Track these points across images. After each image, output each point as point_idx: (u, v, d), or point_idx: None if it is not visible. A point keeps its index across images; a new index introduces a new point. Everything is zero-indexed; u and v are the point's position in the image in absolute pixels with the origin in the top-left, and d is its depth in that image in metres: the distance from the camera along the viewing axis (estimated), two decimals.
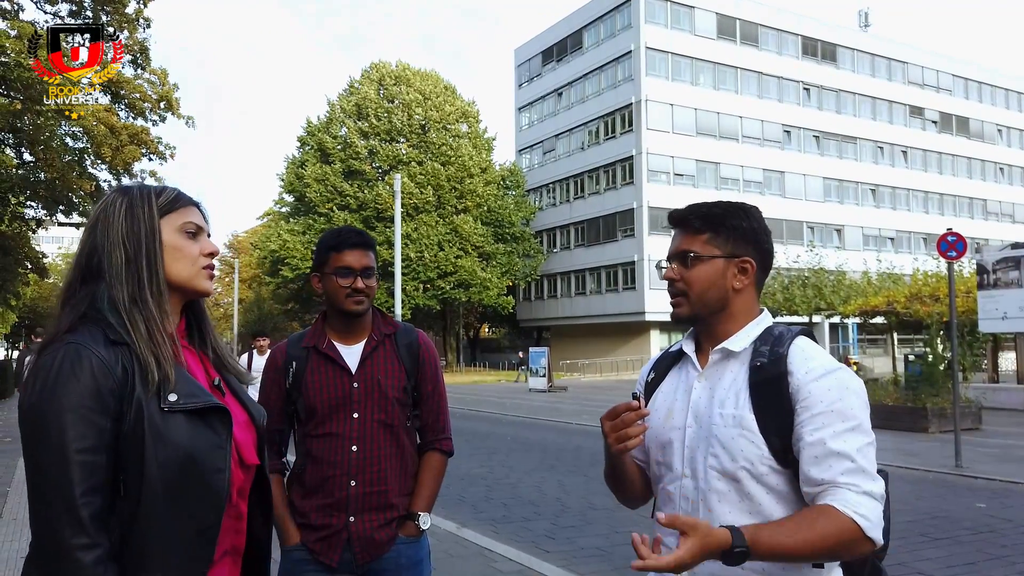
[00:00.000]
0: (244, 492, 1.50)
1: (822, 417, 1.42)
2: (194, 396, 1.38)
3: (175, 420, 1.34)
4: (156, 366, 1.34)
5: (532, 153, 52.45)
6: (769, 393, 1.46)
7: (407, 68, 46.02)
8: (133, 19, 19.54)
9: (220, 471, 1.37)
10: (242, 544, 1.50)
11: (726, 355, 1.56)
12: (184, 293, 1.49)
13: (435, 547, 5.74)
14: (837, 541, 1.35)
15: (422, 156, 43.79)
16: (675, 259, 1.59)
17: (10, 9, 17.71)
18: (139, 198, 1.46)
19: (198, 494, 1.35)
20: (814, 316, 28.58)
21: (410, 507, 2.37)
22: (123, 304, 1.37)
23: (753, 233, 1.57)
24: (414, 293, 42.11)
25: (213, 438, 1.38)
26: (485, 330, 60.37)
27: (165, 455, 1.31)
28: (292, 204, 46.74)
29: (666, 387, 1.66)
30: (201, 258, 1.49)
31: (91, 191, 19.51)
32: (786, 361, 1.47)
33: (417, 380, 2.44)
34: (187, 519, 1.33)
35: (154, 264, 1.42)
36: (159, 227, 1.44)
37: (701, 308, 1.57)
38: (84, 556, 1.23)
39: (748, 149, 46.22)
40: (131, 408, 1.32)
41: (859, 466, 1.40)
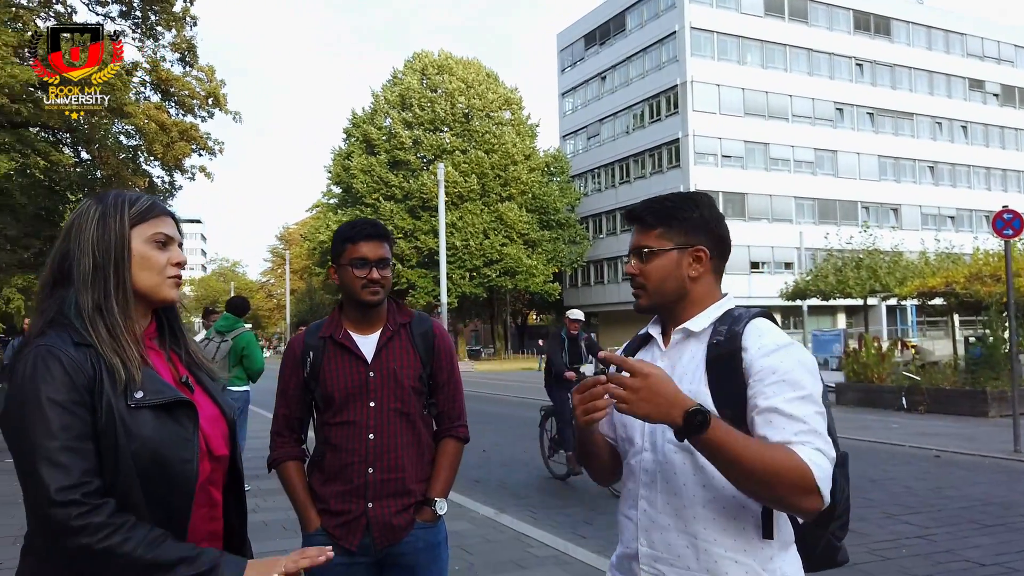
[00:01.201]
0: (216, 482, 1.57)
1: (774, 387, 1.47)
2: (159, 392, 1.45)
3: (142, 415, 1.40)
4: (122, 367, 1.41)
5: (576, 139, 52.09)
6: (724, 369, 1.53)
7: (449, 57, 46.11)
8: (180, 18, 19.99)
9: (187, 461, 1.44)
10: (219, 529, 1.58)
11: (687, 335, 1.64)
12: (150, 301, 1.55)
13: (472, 532, 5.84)
14: (785, 473, 1.37)
15: (466, 145, 43.90)
16: (633, 254, 1.68)
17: (64, 12, 18.31)
18: (112, 207, 1.51)
19: (168, 483, 1.42)
20: (869, 299, 27.75)
21: (427, 493, 2.40)
22: (86, 310, 1.44)
23: (704, 222, 1.66)
24: (460, 281, 42.35)
25: (179, 431, 1.45)
26: (533, 317, 60.42)
27: (135, 448, 1.38)
28: (340, 195, 47.41)
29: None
30: (168, 267, 1.54)
31: (145, 187, 20.10)
32: (741, 338, 1.54)
33: (432, 369, 2.46)
34: (158, 506, 1.41)
35: (121, 272, 1.48)
36: (129, 236, 1.50)
37: (659, 299, 1.65)
38: (95, 518, 1.30)
39: (799, 128, 45.10)
40: (101, 405, 1.38)
41: (812, 428, 1.44)
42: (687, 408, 1.34)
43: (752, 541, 1.51)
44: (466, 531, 5.91)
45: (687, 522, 1.53)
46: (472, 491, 7.61)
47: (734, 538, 1.51)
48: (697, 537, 1.52)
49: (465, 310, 47.54)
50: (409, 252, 42.23)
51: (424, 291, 41.78)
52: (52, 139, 18.70)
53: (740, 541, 1.51)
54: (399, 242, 42.15)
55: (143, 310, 1.54)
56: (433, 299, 39.71)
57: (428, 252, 41.09)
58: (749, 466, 1.36)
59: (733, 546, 1.51)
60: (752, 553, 1.51)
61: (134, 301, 1.50)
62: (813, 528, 1.58)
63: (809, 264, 34.94)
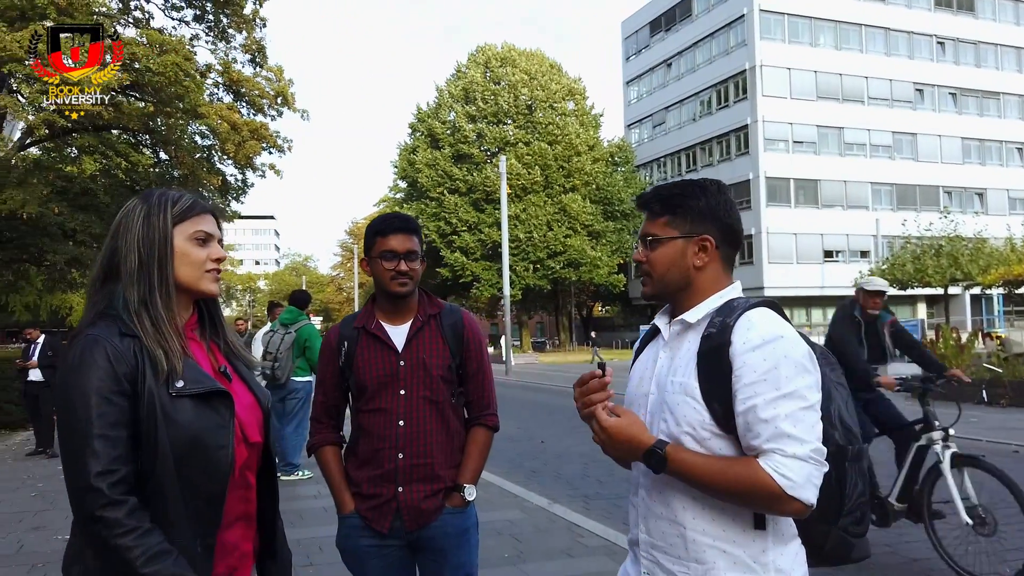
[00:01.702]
0: (251, 466, 1.66)
1: (754, 386, 1.46)
2: (198, 382, 1.54)
3: (182, 404, 1.50)
4: (164, 358, 1.50)
5: (641, 127, 51.43)
6: (712, 361, 1.52)
7: (512, 49, 46.15)
8: (250, 20, 20.63)
9: (223, 448, 1.54)
10: (252, 510, 1.68)
11: (685, 327, 1.63)
12: (192, 294, 1.64)
13: (524, 520, 5.90)
14: (749, 488, 1.42)
15: (529, 136, 43.90)
16: (641, 242, 1.69)
17: (142, 18, 19.15)
18: (156, 206, 1.60)
19: (204, 468, 1.51)
20: (950, 287, 26.57)
21: (456, 479, 2.46)
22: (133, 304, 1.53)
23: (711, 210, 1.64)
24: (524, 273, 42.45)
25: (216, 419, 1.54)
26: (598, 309, 60.09)
27: (174, 434, 1.48)
28: (405, 190, 48.14)
29: (643, 357, 1.75)
30: (208, 263, 1.62)
31: (219, 185, 20.88)
32: (731, 331, 1.52)
33: (462, 359, 2.53)
34: (196, 489, 1.50)
35: (165, 268, 1.57)
36: (172, 234, 1.59)
37: (663, 287, 1.66)
38: (112, 514, 1.39)
39: (875, 111, 43.40)
40: (144, 393, 1.48)
41: (783, 431, 1.43)
42: (643, 450, 1.48)
43: (742, 532, 1.50)
44: (518, 520, 5.98)
45: (676, 511, 1.55)
46: (527, 481, 7.68)
47: (723, 528, 1.51)
48: (686, 527, 1.53)
49: (529, 302, 47.65)
50: (473, 245, 42.56)
51: (488, 283, 42.06)
52: (132, 141, 19.62)
53: (730, 532, 1.51)
54: (463, 235, 42.53)
55: (185, 303, 1.63)
56: (497, 291, 39.98)
57: (492, 244, 41.33)
58: (715, 488, 1.45)
59: (722, 536, 1.51)
60: (742, 544, 1.50)
61: (176, 295, 1.59)
62: (818, 524, 1.55)
63: (886, 252, 33.66)
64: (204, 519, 1.52)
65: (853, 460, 1.51)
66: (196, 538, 1.51)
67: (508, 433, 11.37)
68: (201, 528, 1.52)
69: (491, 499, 6.70)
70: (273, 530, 1.75)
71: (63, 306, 30.11)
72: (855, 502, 1.55)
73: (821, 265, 41.78)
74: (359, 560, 2.43)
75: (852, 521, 1.57)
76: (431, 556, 2.44)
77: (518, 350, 43.19)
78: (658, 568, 1.57)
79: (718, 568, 1.49)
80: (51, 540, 5.56)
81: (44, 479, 8.10)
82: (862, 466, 1.56)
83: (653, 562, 1.58)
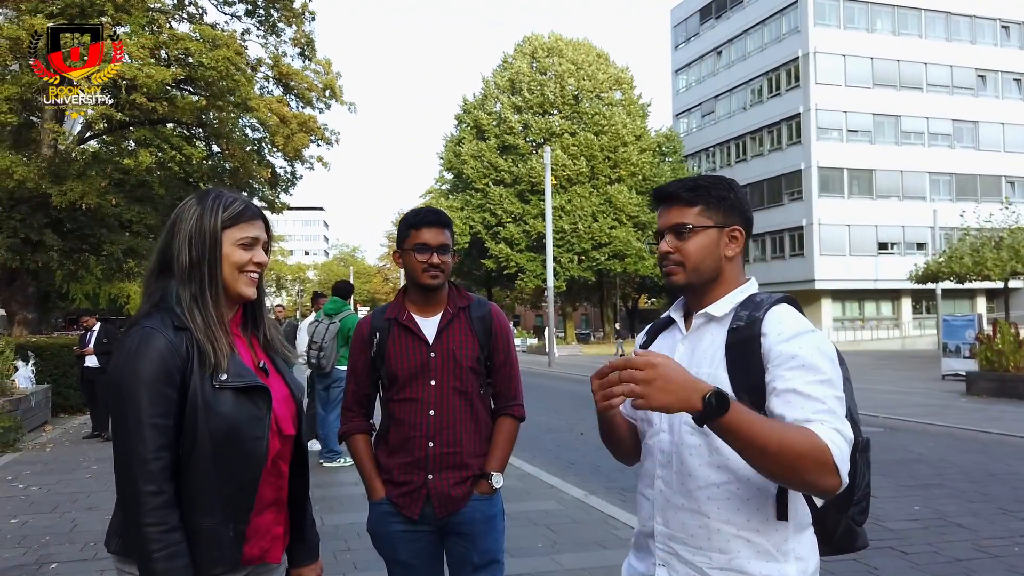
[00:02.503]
0: (284, 456, 1.76)
1: (793, 371, 1.47)
2: (240, 376, 1.64)
3: (224, 396, 1.61)
4: (212, 353, 1.61)
5: (690, 117, 50.68)
6: (743, 353, 1.53)
7: (559, 39, 45.87)
8: (300, 13, 20.95)
9: (259, 439, 1.64)
10: (283, 496, 1.79)
11: (708, 319, 1.65)
12: (228, 294, 1.73)
13: (560, 511, 5.93)
14: (805, 453, 1.35)
15: (575, 127, 43.65)
16: (669, 232, 1.67)
17: (195, 13, 19.61)
18: (209, 209, 1.69)
19: (240, 456, 1.62)
20: (1011, 281, 25.56)
21: (484, 467, 2.52)
22: (185, 301, 1.64)
23: (739, 203, 1.67)
24: (569, 265, 42.31)
25: (254, 411, 1.64)
26: (644, 300, 59.59)
27: (214, 424, 1.59)
28: (451, 181, 48.36)
29: (655, 349, 1.75)
30: (248, 266, 1.71)
31: (268, 177, 21.31)
32: (761, 324, 1.54)
33: (490, 350, 2.58)
34: (231, 476, 1.61)
35: (214, 269, 1.67)
36: (221, 238, 1.68)
37: (696, 277, 1.65)
38: (152, 500, 1.51)
39: (934, 98, 41.94)
40: (190, 383, 1.59)
41: (830, 408, 1.43)
42: (704, 392, 1.32)
43: (766, 522, 1.52)
44: (554, 510, 6.01)
45: (700, 502, 1.55)
46: (564, 472, 7.70)
47: (747, 518, 1.52)
48: (710, 517, 1.54)
49: (574, 294, 47.49)
50: (518, 236, 42.57)
51: (533, 275, 42.04)
52: (186, 134, 20.14)
53: (754, 521, 1.52)
54: (508, 226, 42.57)
55: (232, 301, 1.73)
56: (541, 283, 39.94)
57: (537, 236, 41.26)
58: (768, 446, 1.34)
59: (746, 526, 1.52)
60: (765, 534, 1.52)
61: (223, 294, 1.69)
62: (832, 512, 1.57)
63: (943, 244, 32.59)
64: (238, 505, 1.62)
65: (861, 451, 1.53)
66: (229, 523, 1.61)
67: (548, 424, 11.39)
68: (234, 514, 1.62)
69: (528, 489, 6.74)
70: (303, 515, 1.86)
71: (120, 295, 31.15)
72: (862, 491, 1.58)
73: (875, 258, 40.66)
74: (390, 544, 2.49)
75: (859, 510, 1.60)
76: (459, 541, 2.50)
77: (562, 341, 43.13)
78: (675, 559, 1.58)
79: (741, 557, 1.51)
80: (103, 520, 5.78)
81: (98, 461, 8.43)
82: (868, 457, 1.59)
83: (670, 553, 1.59)
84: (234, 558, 1.62)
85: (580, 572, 4.55)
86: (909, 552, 4.98)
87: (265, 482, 1.67)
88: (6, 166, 15.11)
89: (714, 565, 1.53)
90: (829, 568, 4.40)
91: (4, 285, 16.48)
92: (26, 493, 6.79)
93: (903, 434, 10.29)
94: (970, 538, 5.19)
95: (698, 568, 1.55)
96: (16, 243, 16.16)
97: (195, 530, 1.58)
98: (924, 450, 9.00)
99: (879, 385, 17.37)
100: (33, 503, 6.44)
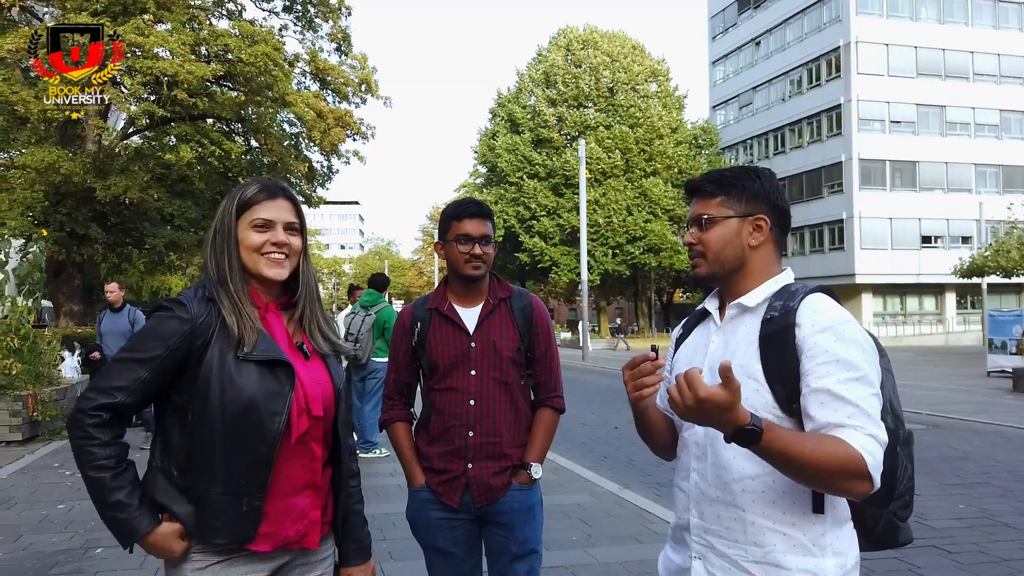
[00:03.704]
0: (316, 437, 1.76)
1: (827, 366, 1.45)
2: (264, 351, 1.67)
3: (247, 367, 1.65)
4: (236, 327, 1.66)
5: (727, 109, 49.99)
6: (776, 344, 1.51)
7: (594, 31, 45.57)
8: (336, 8, 21.14)
9: (277, 414, 1.65)
10: (319, 480, 1.78)
11: (742, 310, 1.63)
12: (256, 278, 1.77)
13: (594, 505, 5.91)
14: (840, 465, 1.35)
15: (610, 120, 43.34)
16: (693, 224, 1.70)
17: (234, 10, 19.90)
18: (231, 197, 1.78)
19: (256, 430, 1.64)
20: None
21: (523, 458, 2.52)
22: (214, 282, 1.73)
23: (765, 192, 1.65)
24: (603, 259, 42.08)
25: (276, 386, 1.66)
26: (679, 295, 59.04)
27: (230, 394, 1.62)
28: (485, 175, 48.40)
29: (690, 341, 1.76)
30: (266, 247, 1.74)
31: (305, 172, 21.57)
32: (795, 314, 1.51)
33: (530, 341, 2.59)
34: (245, 448, 1.64)
35: (231, 255, 1.74)
36: (236, 225, 1.75)
37: (718, 267, 1.65)
38: (86, 420, 1.61)
39: (981, 88, 40.79)
40: (208, 353, 1.64)
41: (864, 411, 1.41)
42: (737, 426, 1.33)
43: (802, 516, 1.50)
44: (588, 504, 5.99)
45: (735, 495, 1.54)
46: (599, 467, 7.67)
47: (783, 512, 1.50)
48: (745, 510, 1.53)
49: (608, 288, 47.25)
50: (552, 230, 42.47)
51: (567, 268, 41.92)
52: (226, 129, 20.47)
53: (789, 515, 1.50)
54: (542, 220, 42.49)
55: (267, 284, 1.77)
56: (575, 277, 39.82)
57: (571, 230, 41.12)
58: (804, 466, 1.36)
59: (782, 520, 1.50)
60: (802, 527, 1.50)
61: (245, 275, 1.74)
62: (872, 507, 1.55)
63: (989, 238, 31.72)
64: (251, 479, 1.63)
65: (903, 444, 1.50)
66: (243, 496, 1.63)
67: (582, 418, 11.36)
68: (248, 488, 1.63)
69: (562, 483, 6.73)
70: (338, 497, 1.85)
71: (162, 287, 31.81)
72: (904, 486, 1.55)
73: (918, 251, 39.74)
74: (429, 532, 2.51)
75: (900, 505, 1.57)
76: (497, 530, 2.51)
77: (596, 336, 42.96)
78: (711, 552, 1.57)
79: (777, 551, 1.50)
80: None
81: (141, 450, 8.62)
82: (911, 450, 1.56)
83: (706, 546, 1.58)
84: (243, 533, 1.63)
85: (614, 566, 4.53)
86: (953, 551, 4.86)
87: (294, 462, 1.69)
88: (53, 160, 15.54)
89: (749, 558, 1.52)
90: (870, 565, 4.32)
91: (51, 277, 16.96)
92: (72, 480, 6.98)
93: (947, 431, 10.05)
94: (1017, 538, 5.05)
95: (734, 561, 1.54)
96: (63, 236, 16.60)
97: (199, 496, 1.63)
98: (970, 448, 8.79)
99: (922, 382, 16.99)
100: (79, 490, 6.61)
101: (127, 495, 1.60)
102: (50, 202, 16.53)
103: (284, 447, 1.67)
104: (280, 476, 1.67)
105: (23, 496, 6.33)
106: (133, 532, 1.60)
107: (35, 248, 11.00)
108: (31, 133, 16.62)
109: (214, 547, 1.64)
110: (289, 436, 1.67)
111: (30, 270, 10.43)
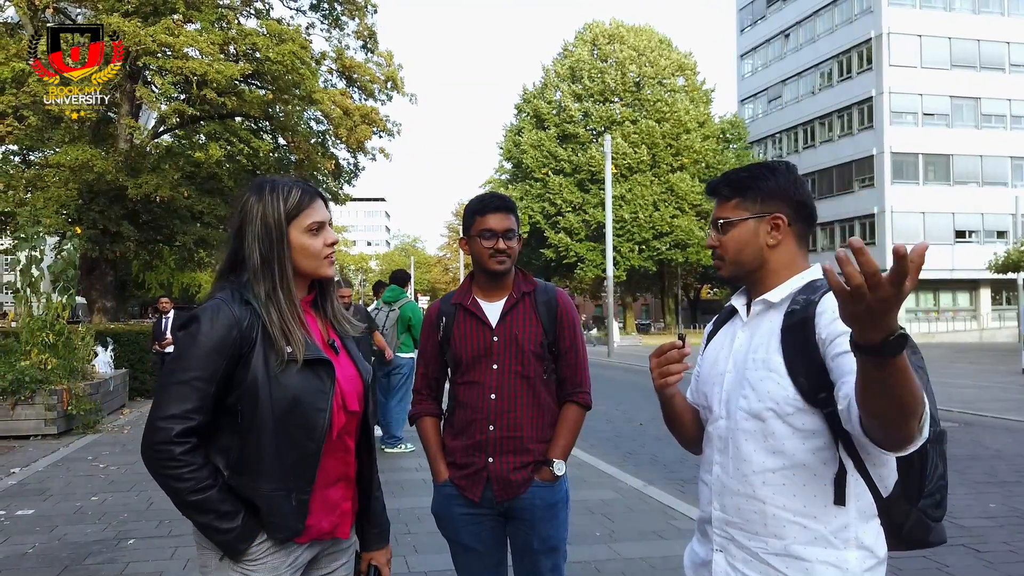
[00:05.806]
0: (350, 432, 1.81)
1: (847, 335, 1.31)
2: (308, 351, 1.70)
3: (290, 368, 1.67)
4: (285, 342, 1.67)
5: (755, 102, 49.43)
6: (797, 336, 1.51)
7: (620, 25, 45.30)
8: (362, 6, 21.24)
9: (322, 411, 1.69)
10: (351, 472, 1.84)
11: (767, 306, 1.64)
12: (312, 278, 1.80)
13: (618, 501, 5.90)
14: (921, 400, 1.22)
15: (636, 115, 43.07)
16: (713, 227, 1.72)
17: (262, 9, 20.09)
18: (270, 204, 1.72)
19: (303, 427, 1.68)
20: None
21: (546, 454, 2.50)
22: (261, 298, 1.69)
23: (781, 189, 1.64)
24: (629, 255, 41.88)
25: (318, 384, 1.70)
26: (706, 291, 58.60)
27: (279, 394, 1.65)
28: (510, 171, 48.39)
29: (718, 337, 1.77)
30: (324, 249, 1.76)
31: (332, 169, 21.73)
32: (816, 305, 1.51)
33: (555, 336, 2.56)
34: (293, 445, 1.67)
35: (284, 264, 1.71)
36: (287, 232, 1.72)
37: (737, 268, 1.67)
38: (171, 448, 1.58)
39: (1018, 80, 39.89)
40: (254, 355, 1.65)
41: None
42: (892, 330, 1.14)
43: (823, 508, 1.50)
44: (612, 500, 5.98)
45: (755, 487, 1.55)
46: (623, 462, 7.65)
47: (804, 504, 1.51)
48: (765, 502, 1.53)
49: (634, 283, 47.03)
50: (577, 225, 42.34)
51: (592, 264, 41.78)
52: (254, 127, 20.70)
53: (810, 507, 1.50)
54: (567, 215, 42.37)
55: (302, 283, 1.79)
56: (601, 272, 39.68)
57: (596, 225, 40.98)
58: (911, 391, 1.20)
59: (802, 512, 1.51)
60: (823, 520, 1.50)
61: (295, 284, 1.75)
62: (900, 502, 1.52)
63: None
64: (300, 475, 1.68)
65: (934, 442, 1.46)
66: (292, 492, 1.67)
67: (607, 414, 11.33)
68: (296, 484, 1.67)
69: (586, 478, 6.72)
70: (370, 494, 1.91)
71: (192, 284, 32.32)
72: (935, 484, 1.52)
73: (952, 246, 38.99)
74: (452, 527, 2.52)
75: (931, 504, 1.53)
76: (520, 527, 2.50)
77: (622, 331, 42.78)
78: (732, 544, 1.58)
79: (797, 543, 1.50)
80: None
81: None
82: (943, 448, 1.52)
83: (727, 538, 1.59)
84: (295, 527, 1.67)
85: (638, 562, 4.52)
86: (983, 550, 4.78)
87: (332, 456, 1.73)
88: (86, 159, 15.83)
89: (770, 550, 1.52)
90: (898, 564, 4.26)
91: (84, 274, 17.31)
92: (106, 472, 7.12)
93: (980, 429, 9.86)
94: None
95: (754, 553, 1.54)
96: (96, 234, 16.92)
97: (251, 495, 1.65)
98: (1002, 446, 8.61)
99: (955, 379, 16.68)
100: (112, 481, 6.75)
101: (232, 504, 1.63)
102: (83, 200, 16.85)
103: (325, 442, 1.70)
104: (321, 470, 1.71)
105: (58, 488, 6.48)
106: (251, 533, 1.64)
107: (69, 245, 11.23)
108: (64, 132, 16.95)
109: (267, 543, 1.67)
110: (331, 432, 1.71)
111: (64, 267, 10.65)
